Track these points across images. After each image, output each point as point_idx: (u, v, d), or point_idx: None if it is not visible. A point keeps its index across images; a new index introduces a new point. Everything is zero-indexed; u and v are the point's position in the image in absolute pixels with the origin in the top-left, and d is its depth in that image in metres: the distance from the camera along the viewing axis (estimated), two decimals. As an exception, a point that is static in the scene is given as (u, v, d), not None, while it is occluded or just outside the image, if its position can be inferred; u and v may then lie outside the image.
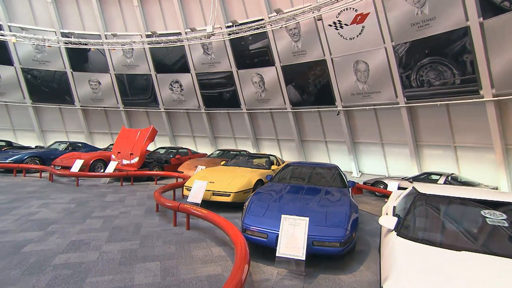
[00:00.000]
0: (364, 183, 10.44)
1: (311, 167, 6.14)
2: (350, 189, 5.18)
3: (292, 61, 12.75)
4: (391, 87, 10.48)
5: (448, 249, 2.19)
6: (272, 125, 15.21)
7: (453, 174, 9.01)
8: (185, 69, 15.36)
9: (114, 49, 14.71)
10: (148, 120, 17.79)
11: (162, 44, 13.69)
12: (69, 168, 9.11)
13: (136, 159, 9.36)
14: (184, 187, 6.47)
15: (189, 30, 13.83)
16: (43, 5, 15.02)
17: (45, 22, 15.29)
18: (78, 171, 8.97)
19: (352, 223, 3.63)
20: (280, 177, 5.81)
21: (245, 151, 12.73)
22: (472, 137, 9.59)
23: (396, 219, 2.65)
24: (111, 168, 9.13)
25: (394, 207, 3.25)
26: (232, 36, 12.32)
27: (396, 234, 2.49)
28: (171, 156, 11.02)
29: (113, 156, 9.95)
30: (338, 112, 12.38)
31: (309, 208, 3.94)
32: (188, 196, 5.61)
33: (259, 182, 6.65)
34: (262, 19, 11.91)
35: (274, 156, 9.12)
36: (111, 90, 16.63)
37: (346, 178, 5.72)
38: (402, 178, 9.79)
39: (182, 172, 9.25)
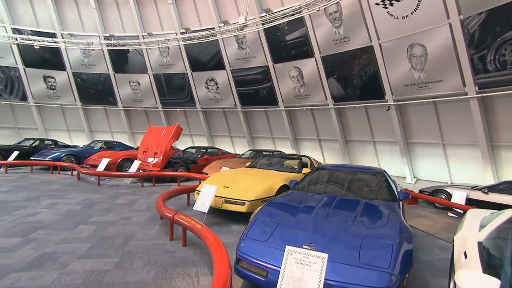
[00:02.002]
0: (421, 191, 8.58)
1: (348, 172, 4.77)
2: (401, 203, 3.74)
3: (333, 51, 11.26)
4: (457, 74, 8.43)
5: None
6: (313, 123, 13.81)
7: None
8: (220, 66, 14.78)
9: (150, 49, 14.74)
10: (186, 120, 17.68)
11: (195, 40, 13.27)
12: (97, 167, 8.99)
13: (158, 159, 8.84)
14: (196, 191, 5.60)
15: (222, 24, 13.18)
16: (89, 11, 15.71)
17: (90, 28, 16.00)
18: (104, 170, 8.79)
19: (402, 262, 2.30)
20: (306, 183, 4.57)
21: (280, 151, 11.60)
22: None
23: (497, 282, 1.32)
24: (134, 167, 8.74)
25: (480, 244, 1.88)
26: (266, 26, 11.30)
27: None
28: (199, 156, 10.36)
29: (139, 155, 9.63)
30: (389, 107, 10.55)
31: (336, 232, 2.69)
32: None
33: (285, 189, 5.50)
34: (298, 4, 10.67)
35: (308, 157, 7.83)
36: (150, 90, 16.82)
37: (396, 187, 4.27)
38: (472, 187, 7.77)
39: (207, 174, 8.48)
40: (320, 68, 11.92)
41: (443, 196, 8.01)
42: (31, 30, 15.21)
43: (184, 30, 14.13)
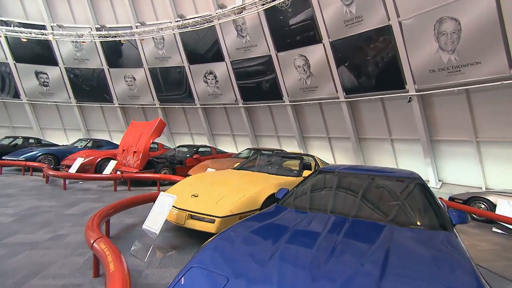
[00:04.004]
0: (451, 198, 6.99)
1: (364, 177, 3.22)
2: (455, 230, 2.24)
3: (344, 34, 9.74)
4: (501, 53, 6.78)
5: None
6: (322, 119, 12.31)
7: None
8: (218, 57, 13.47)
9: (144, 40, 13.58)
10: (185, 117, 16.50)
11: (190, 28, 12.00)
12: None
13: (136, 158, 7.57)
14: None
15: (219, 10, 11.87)
16: (80, 1, 14.72)
17: (82, 19, 15.03)
18: (77, 171, 7.63)
19: None
20: (300, 194, 3.12)
21: (281, 150, 10.18)
22: None
23: None
24: (109, 169, 7.50)
25: None
26: (266, 6, 9.90)
27: None
28: (187, 155, 9.03)
29: (118, 154, 8.41)
30: (410, 98, 8.97)
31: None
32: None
33: (275, 199, 4.07)
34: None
35: (312, 156, 6.36)
36: (146, 85, 15.70)
37: (441, 203, 2.76)
38: (525, 195, 6.14)
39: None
40: (329, 55, 10.42)
41: (483, 206, 6.42)
42: (18, 22, 14.30)
43: (178, 19, 12.91)
